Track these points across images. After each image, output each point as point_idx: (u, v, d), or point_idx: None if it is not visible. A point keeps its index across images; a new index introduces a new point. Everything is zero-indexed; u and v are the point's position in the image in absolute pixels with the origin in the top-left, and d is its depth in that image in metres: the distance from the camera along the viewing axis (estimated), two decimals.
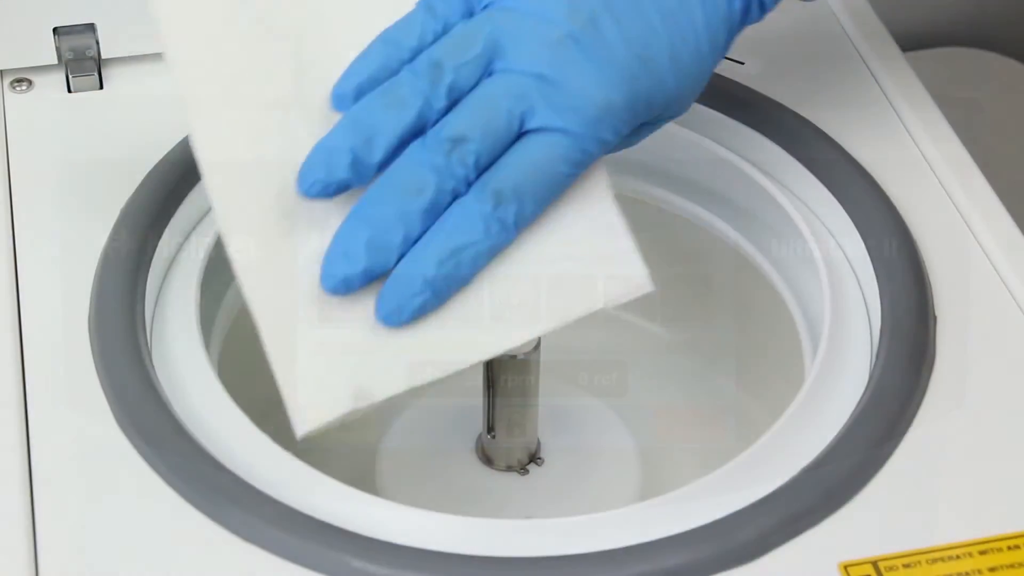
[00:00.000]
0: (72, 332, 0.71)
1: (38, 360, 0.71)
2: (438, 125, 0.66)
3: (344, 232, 0.66)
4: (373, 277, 0.66)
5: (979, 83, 1.24)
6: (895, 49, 0.87)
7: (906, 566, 0.63)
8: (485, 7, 0.68)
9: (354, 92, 0.67)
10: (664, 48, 0.68)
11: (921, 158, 0.81)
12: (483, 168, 0.66)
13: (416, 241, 0.66)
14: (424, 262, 0.66)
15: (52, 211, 0.77)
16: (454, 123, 0.66)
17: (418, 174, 0.66)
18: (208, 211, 0.78)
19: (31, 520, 0.65)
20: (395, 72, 0.67)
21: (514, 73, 0.67)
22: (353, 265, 0.66)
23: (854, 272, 0.76)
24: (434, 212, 0.66)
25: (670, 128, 0.81)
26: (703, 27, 0.69)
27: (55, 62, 0.85)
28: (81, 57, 0.85)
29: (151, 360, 0.70)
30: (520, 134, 0.67)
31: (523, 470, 0.79)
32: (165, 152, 0.79)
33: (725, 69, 0.83)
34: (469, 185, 0.66)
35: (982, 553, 0.64)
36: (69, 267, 0.74)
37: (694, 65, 0.69)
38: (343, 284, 0.66)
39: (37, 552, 0.63)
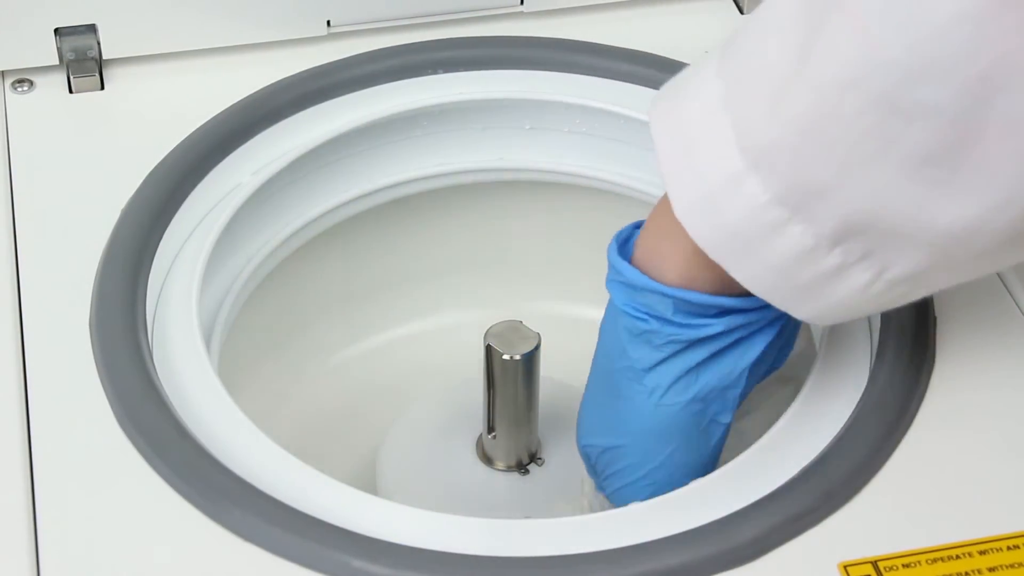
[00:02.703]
0: (73, 332, 0.71)
1: (39, 360, 0.71)
2: None
3: None
4: None
5: None
6: None
7: (906, 566, 0.63)
8: None
9: None
10: None
11: None
12: None
13: None
14: None
15: (53, 211, 0.77)
16: None
17: None
18: (208, 212, 0.78)
19: (32, 520, 0.65)
20: None
21: None
22: None
23: None
24: None
25: None
26: None
27: (56, 63, 0.85)
28: (82, 58, 0.85)
29: (152, 360, 0.70)
30: None
31: (523, 470, 0.79)
32: (166, 153, 0.79)
33: None
34: None
35: (982, 553, 0.64)
36: (70, 267, 0.74)
37: None
38: None
39: (38, 551, 0.63)
